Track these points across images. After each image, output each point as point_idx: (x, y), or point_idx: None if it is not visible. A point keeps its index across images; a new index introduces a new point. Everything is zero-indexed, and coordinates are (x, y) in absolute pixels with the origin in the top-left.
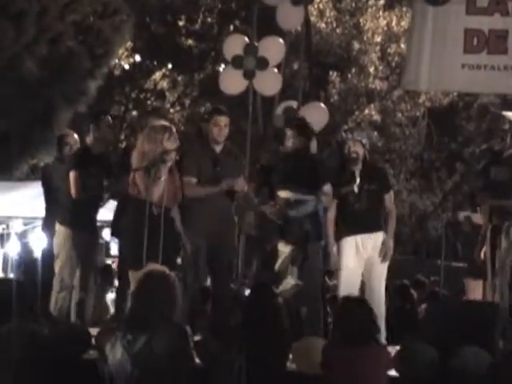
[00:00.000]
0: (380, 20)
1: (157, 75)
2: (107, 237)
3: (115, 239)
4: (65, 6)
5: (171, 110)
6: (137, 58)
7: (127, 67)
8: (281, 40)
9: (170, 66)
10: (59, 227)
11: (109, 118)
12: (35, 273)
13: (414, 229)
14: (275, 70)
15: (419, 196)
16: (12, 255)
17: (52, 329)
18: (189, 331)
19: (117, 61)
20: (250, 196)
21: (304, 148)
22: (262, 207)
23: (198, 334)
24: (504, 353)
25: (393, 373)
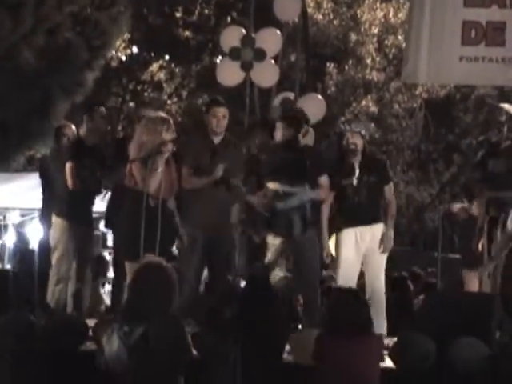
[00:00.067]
0: (377, 11)
1: (154, 67)
2: (104, 228)
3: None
4: None
5: (168, 102)
6: (134, 50)
7: (124, 58)
8: (278, 31)
9: (167, 58)
10: (56, 219)
11: (102, 109)
12: (31, 263)
13: (411, 220)
14: (272, 62)
15: (416, 187)
16: (9, 246)
17: (49, 320)
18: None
19: (114, 52)
20: (238, 185)
21: (293, 140)
22: (250, 198)
23: (195, 326)
24: (501, 344)
25: (390, 364)
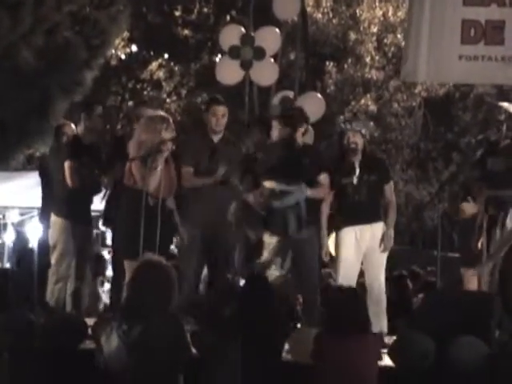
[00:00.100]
0: (376, 10)
1: (153, 65)
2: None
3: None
4: None
5: (168, 100)
6: (133, 48)
7: (124, 57)
8: (277, 30)
9: (167, 56)
10: (55, 218)
11: (100, 108)
12: (30, 262)
13: (411, 219)
14: (272, 61)
15: (415, 186)
16: (8, 245)
17: (48, 319)
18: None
19: (113, 51)
20: (235, 184)
21: (290, 138)
22: (247, 196)
23: (194, 324)
24: (500, 343)
25: (389, 363)
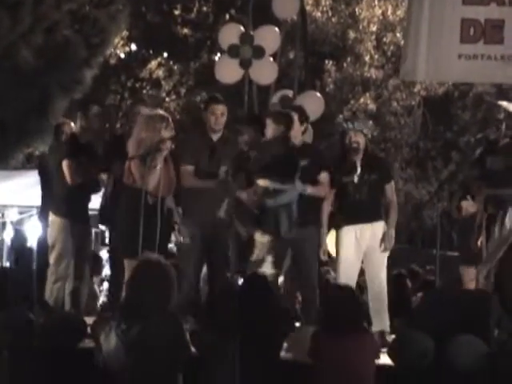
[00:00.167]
0: (375, 9)
1: (152, 64)
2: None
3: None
4: None
5: (167, 99)
6: (132, 47)
7: (123, 56)
8: (276, 29)
9: (166, 55)
10: (53, 217)
11: (96, 108)
12: (28, 261)
13: (410, 218)
14: (271, 59)
15: (415, 185)
16: (8, 243)
17: (47, 318)
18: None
19: (113, 50)
20: (228, 181)
21: (283, 137)
22: (240, 194)
23: (194, 323)
24: (499, 342)
25: (388, 361)
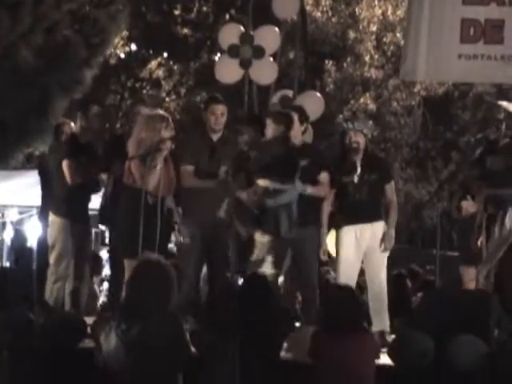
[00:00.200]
0: (375, 9)
1: (152, 64)
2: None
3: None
4: None
5: (167, 99)
6: (132, 47)
7: (123, 56)
8: (276, 29)
9: (166, 55)
10: (53, 218)
11: (96, 108)
12: (28, 261)
13: (410, 218)
14: (271, 59)
15: (415, 185)
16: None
17: (47, 318)
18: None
19: (113, 50)
20: (228, 181)
21: (283, 137)
22: (240, 194)
23: (194, 323)
24: (499, 342)
25: (388, 361)
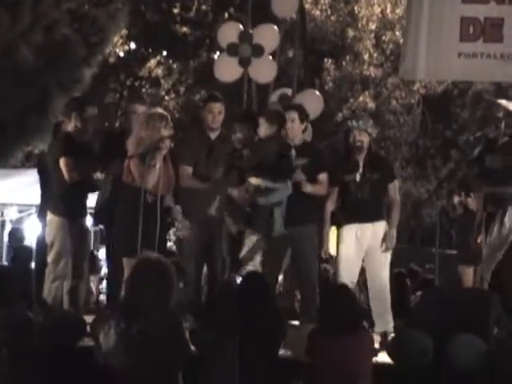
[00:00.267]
0: (374, 7)
1: (152, 63)
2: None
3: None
4: None
5: (166, 98)
6: (132, 46)
7: (122, 55)
8: (275, 27)
9: (165, 54)
10: (51, 216)
11: (91, 109)
12: (25, 259)
13: (409, 216)
14: (270, 58)
15: (414, 183)
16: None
17: (47, 316)
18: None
19: (112, 48)
20: (219, 178)
21: (276, 136)
22: (232, 191)
23: (193, 322)
24: (498, 340)
25: (388, 360)
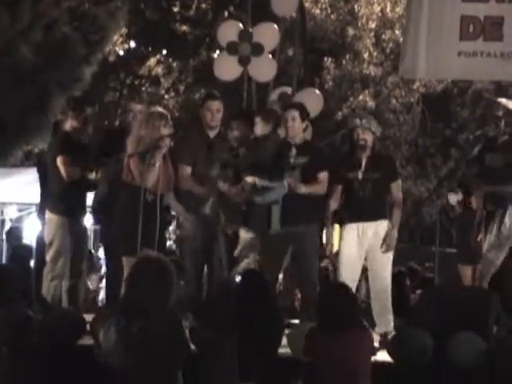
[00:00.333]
0: (374, 6)
1: (151, 61)
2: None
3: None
4: None
5: (166, 96)
6: (131, 44)
7: (122, 53)
8: (275, 26)
9: (165, 52)
10: (50, 215)
11: (89, 110)
12: (24, 258)
13: (409, 215)
14: (270, 57)
15: (414, 182)
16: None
17: (46, 315)
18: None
19: (111, 47)
20: (213, 177)
21: (272, 135)
22: (223, 186)
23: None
24: (498, 339)
25: (387, 358)
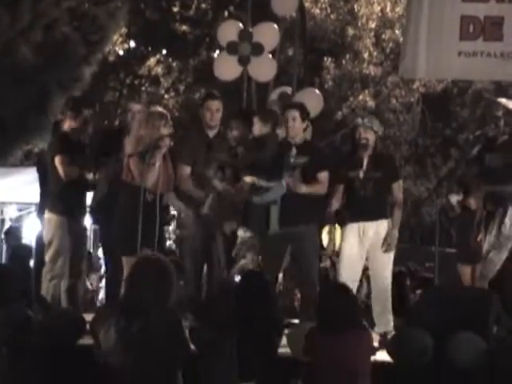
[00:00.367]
0: (374, 6)
1: (151, 61)
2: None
3: None
4: None
5: (166, 96)
6: (131, 44)
7: (122, 53)
8: (275, 26)
9: (165, 52)
10: (49, 215)
11: (87, 111)
12: (23, 257)
13: (409, 215)
14: (270, 56)
15: (413, 182)
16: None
17: (46, 315)
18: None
19: (111, 47)
20: (210, 176)
21: (271, 135)
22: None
23: (193, 320)
24: (498, 339)
25: (387, 358)
